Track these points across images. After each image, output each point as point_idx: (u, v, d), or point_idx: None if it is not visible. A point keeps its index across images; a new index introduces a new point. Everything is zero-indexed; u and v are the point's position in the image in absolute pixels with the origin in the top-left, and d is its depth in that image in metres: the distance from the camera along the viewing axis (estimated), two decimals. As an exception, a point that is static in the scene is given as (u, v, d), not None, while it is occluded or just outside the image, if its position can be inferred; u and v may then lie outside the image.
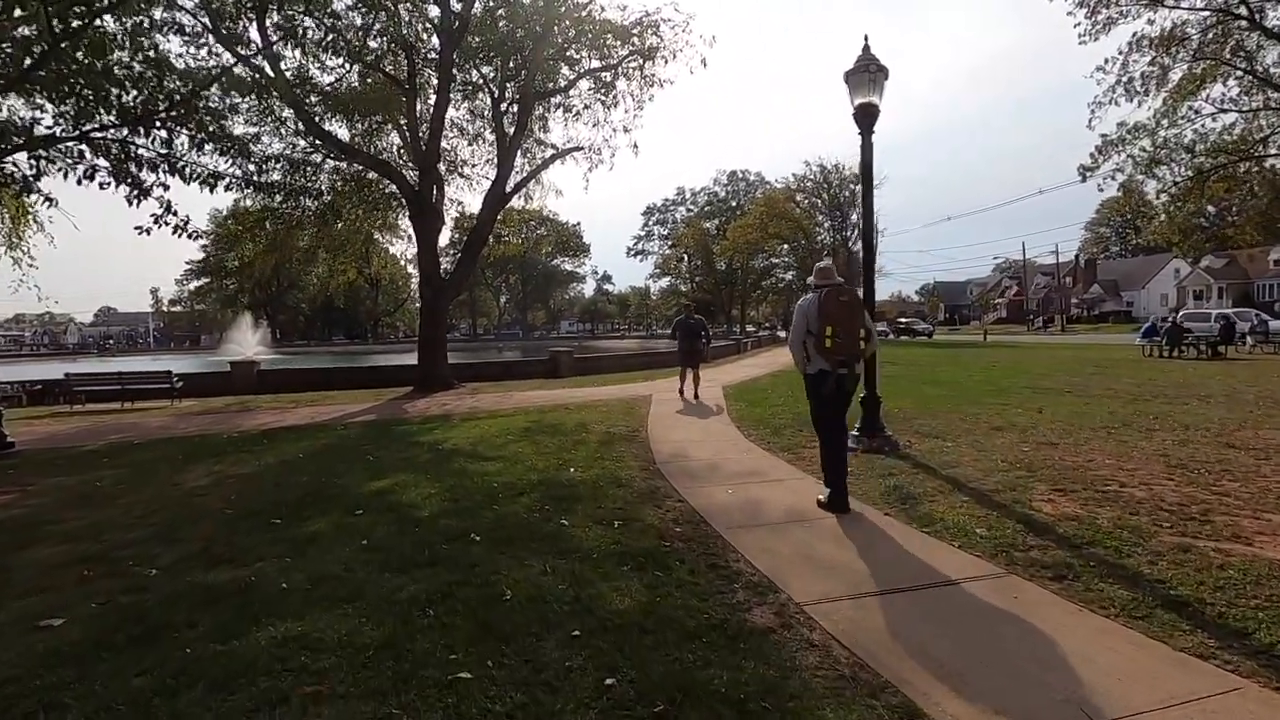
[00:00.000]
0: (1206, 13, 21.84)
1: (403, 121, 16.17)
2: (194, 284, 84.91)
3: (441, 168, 17.11)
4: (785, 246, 58.48)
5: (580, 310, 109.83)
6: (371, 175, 16.85)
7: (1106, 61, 23.25)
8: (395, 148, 17.73)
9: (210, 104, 7.69)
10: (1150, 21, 22.02)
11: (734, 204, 74.24)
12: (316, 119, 14.62)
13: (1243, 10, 20.86)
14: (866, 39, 6.92)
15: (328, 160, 15.22)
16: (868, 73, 6.80)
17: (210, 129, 7.36)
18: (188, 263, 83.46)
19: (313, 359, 42.31)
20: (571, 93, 17.91)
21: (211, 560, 4.05)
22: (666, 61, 17.15)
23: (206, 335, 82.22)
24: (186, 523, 4.90)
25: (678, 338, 12.78)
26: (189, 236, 7.95)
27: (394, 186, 16.65)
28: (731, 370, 19.29)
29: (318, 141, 14.33)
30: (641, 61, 17.31)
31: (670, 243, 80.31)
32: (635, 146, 18.48)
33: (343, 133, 16.63)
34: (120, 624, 3.18)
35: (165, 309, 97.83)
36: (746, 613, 3.20)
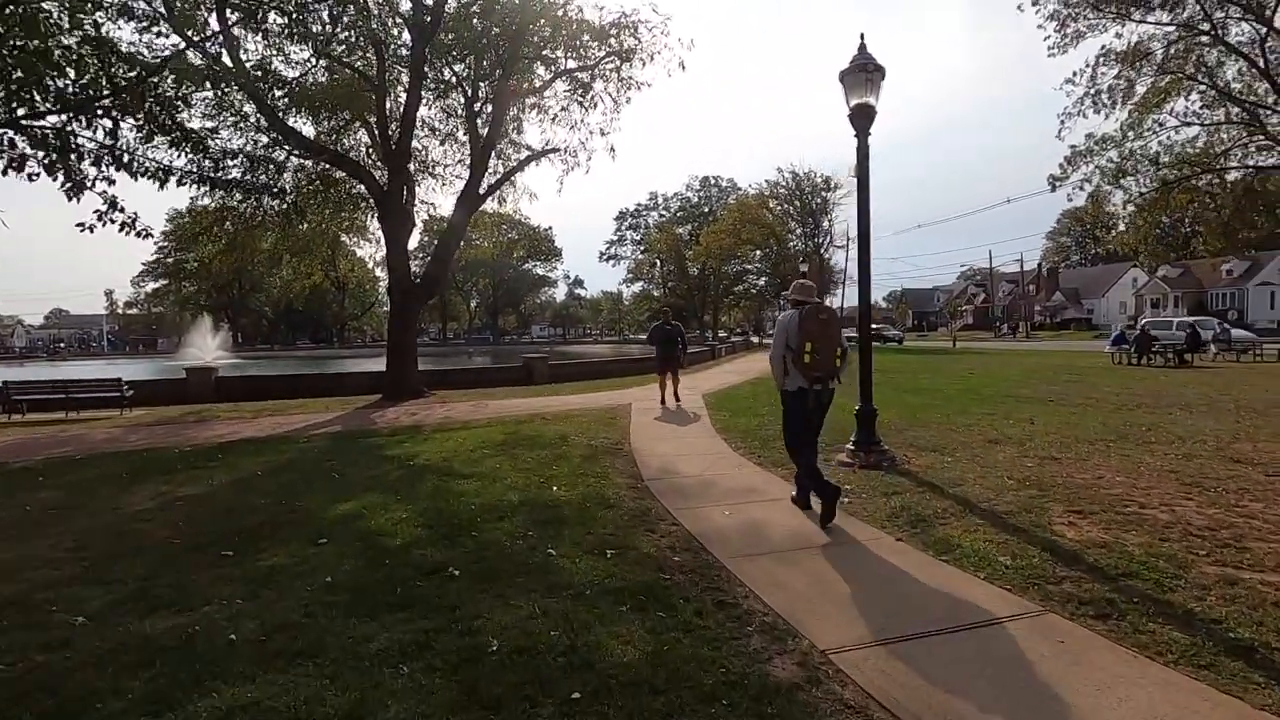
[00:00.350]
0: (1171, 28, 22.29)
1: (371, 119, 15.56)
2: (151, 286, 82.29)
3: (412, 168, 16.51)
4: (758, 253, 58.61)
5: (552, 315, 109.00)
6: (339, 175, 16.18)
7: (1075, 74, 23.61)
8: (364, 146, 17.09)
9: (163, 92, 7.05)
10: (1118, 35, 22.43)
11: (706, 210, 74.43)
12: (280, 114, 13.96)
13: (1205, 25, 21.34)
14: (863, 37, 6.66)
15: (292, 158, 14.51)
16: (864, 72, 6.54)
17: (161, 119, 6.70)
18: (144, 264, 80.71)
19: (276, 364, 41.07)
20: (547, 94, 17.49)
21: (150, 604, 3.55)
22: (644, 64, 16.83)
23: (164, 339, 79.33)
24: (125, 556, 4.36)
25: (655, 344, 12.74)
26: (137, 235, 7.33)
27: (362, 186, 16.02)
28: (710, 377, 19.02)
29: (280, 138, 13.64)
30: (619, 63, 16.97)
31: (643, 248, 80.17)
32: (612, 150, 18.14)
33: (309, 130, 15.99)
34: (31, 692, 2.67)
35: (120, 311, 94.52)
36: (767, 663, 2.84)
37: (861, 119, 6.66)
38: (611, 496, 5.64)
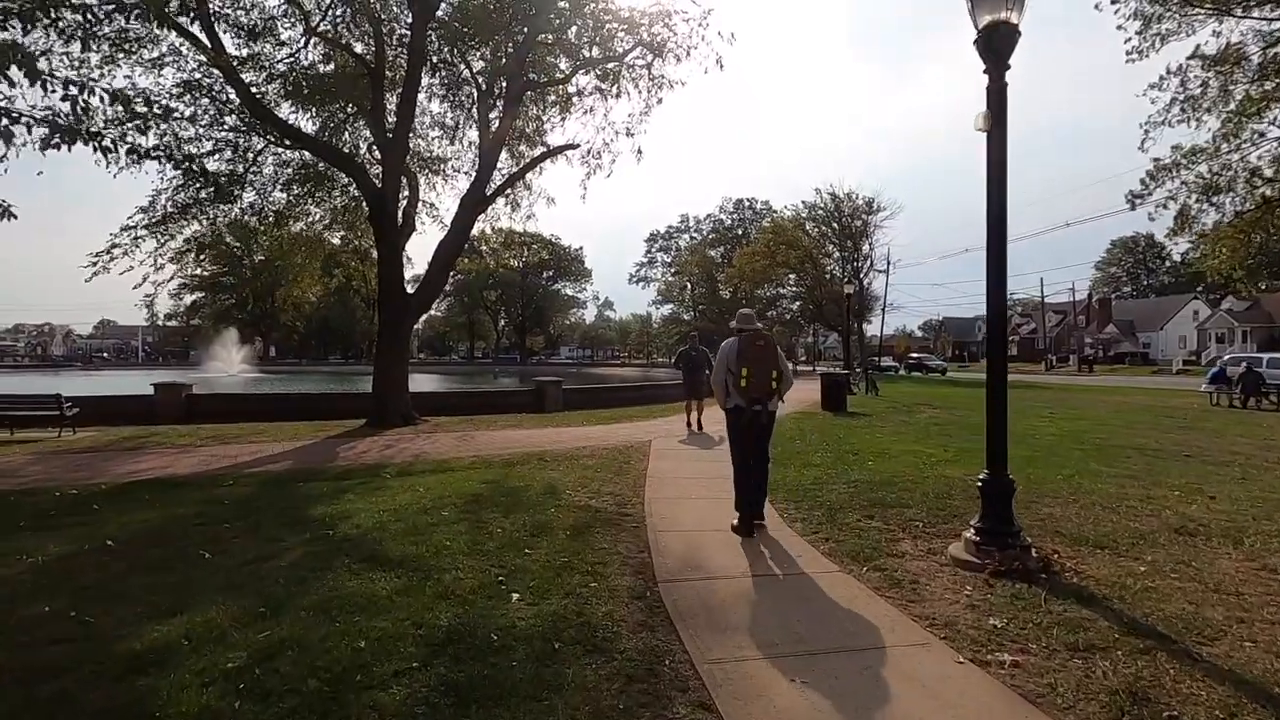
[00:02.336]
0: (1273, 26, 19.71)
1: (369, 108, 13.81)
2: (189, 298, 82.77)
3: (414, 166, 14.72)
4: (792, 276, 56.01)
5: (580, 336, 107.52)
6: (325, 168, 14.40)
7: (1161, 78, 21.02)
8: (364, 141, 15.37)
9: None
10: (1216, 34, 19.86)
11: (740, 232, 72.37)
12: (266, 101, 12.28)
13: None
14: (999, -75, 4.47)
15: (271, 147, 12.75)
16: (1005, -27, 4.35)
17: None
18: (182, 276, 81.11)
19: (296, 380, 39.93)
20: (568, 88, 15.63)
21: None
22: (679, 59, 14.75)
23: (195, 351, 79.77)
24: None
25: (681, 369, 12.29)
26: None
27: (354, 185, 14.23)
28: (744, 409, 16.66)
29: (254, 119, 11.86)
30: (650, 58, 15.01)
31: (674, 270, 78.31)
32: (639, 152, 16.00)
33: (307, 125, 14.36)
34: None
35: (161, 323, 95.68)
36: None
37: (997, 44, 4.45)
38: (601, 623, 3.44)
